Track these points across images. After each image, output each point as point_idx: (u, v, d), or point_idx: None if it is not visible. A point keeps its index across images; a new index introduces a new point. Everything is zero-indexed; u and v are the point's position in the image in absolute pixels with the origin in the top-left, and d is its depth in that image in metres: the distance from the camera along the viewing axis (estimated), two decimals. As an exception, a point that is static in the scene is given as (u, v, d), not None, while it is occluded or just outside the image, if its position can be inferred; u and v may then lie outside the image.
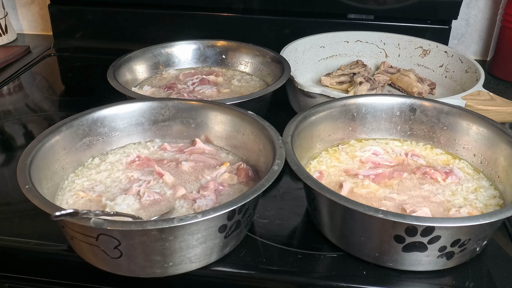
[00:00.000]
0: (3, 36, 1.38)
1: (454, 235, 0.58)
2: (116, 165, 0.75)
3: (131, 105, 0.79)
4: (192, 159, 0.76)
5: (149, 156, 0.77)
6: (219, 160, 0.76)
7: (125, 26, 1.32)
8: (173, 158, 0.77)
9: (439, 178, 0.73)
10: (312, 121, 0.77)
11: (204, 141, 0.80)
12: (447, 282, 0.62)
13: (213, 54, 1.12)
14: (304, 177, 0.62)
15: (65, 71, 1.28)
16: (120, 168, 0.75)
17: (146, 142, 0.80)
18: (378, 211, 0.56)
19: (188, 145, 0.80)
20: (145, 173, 0.73)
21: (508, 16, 1.16)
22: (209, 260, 0.62)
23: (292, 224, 0.73)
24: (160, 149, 0.79)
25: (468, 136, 0.78)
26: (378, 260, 0.63)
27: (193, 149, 0.78)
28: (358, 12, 1.23)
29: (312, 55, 1.14)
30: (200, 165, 0.75)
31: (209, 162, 0.76)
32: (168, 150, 0.79)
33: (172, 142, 0.81)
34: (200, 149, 0.78)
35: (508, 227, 0.72)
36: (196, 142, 0.79)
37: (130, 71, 1.03)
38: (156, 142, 0.80)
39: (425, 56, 1.13)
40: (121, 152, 0.78)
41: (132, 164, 0.75)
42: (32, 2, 1.44)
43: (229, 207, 0.56)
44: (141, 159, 0.76)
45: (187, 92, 0.98)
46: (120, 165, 0.75)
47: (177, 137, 0.81)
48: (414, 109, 0.82)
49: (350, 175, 0.75)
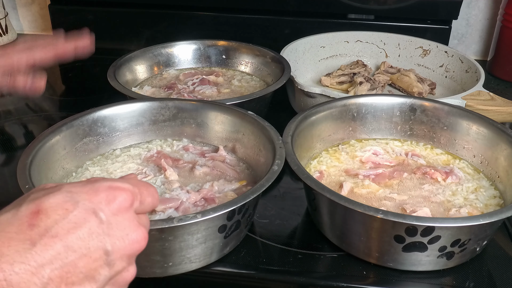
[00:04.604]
0: (3, 36, 1.38)
1: (454, 235, 0.58)
2: (135, 158, 0.77)
3: (131, 105, 0.79)
4: (210, 165, 0.74)
5: (169, 154, 0.77)
6: (237, 173, 0.74)
7: (125, 26, 1.32)
8: (192, 160, 0.76)
9: (439, 178, 0.73)
10: (312, 121, 0.77)
11: (230, 149, 0.78)
12: (447, 282, 0.62)
13: (213, 54, 1.12)
14: (304, 177, 0.62)
15: (65, 71, 1.28)
16: (138, 162, 0.76)
17: (173, 140, 0.80)
18: (378, 211, 0.56)
19: (212, 150, 0.78)
20: (154, 169, 0.74)
21: (508, 16, 1.16)
22: (209, 260, 0.62)
23: (292, 224, 0.73)
24: (183, 148, 0.79)
25: (468, 136, 0.78)
26: (378, 260, 0.63)
27: (214, 155, 0.76)
28: (358, 12, 1.23)
29: (312, 55, 1.14)
30: (215, 173, 0.73)
31: (226, 173, 0.73)
32: (190, 151, 0.78)
33: (199, 144, 0.80)
34: (221, 157, 0.76)
35: (508, 227, 0.72)
36: (219, 149, 0.77)
37: (130, 71, 1.03)
38: (184, 141, 0.80)
39: (425, 56, 1.13)
40: (144, 146, 0.79)
41: (151, 158, 0.76)
42: (33, 2, 1.44)
43: (229, 207, 0.56)
44: (159, 155, 0.76)
45: (187, 92, 0.98)
46: (138, 159, 0.76)
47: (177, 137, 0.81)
48: (414, 109, 0.82)
49: (350, 175, 0.75)
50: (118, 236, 0.39)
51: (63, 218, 0.37)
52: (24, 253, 0.35)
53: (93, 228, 0.38)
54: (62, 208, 0.37)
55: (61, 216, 0.37)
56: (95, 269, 0.37)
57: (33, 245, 0.35)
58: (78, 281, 0.36)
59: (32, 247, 0.35)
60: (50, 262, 0.35)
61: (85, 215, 0.38)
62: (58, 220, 0.37)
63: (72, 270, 0.36)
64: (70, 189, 0.39)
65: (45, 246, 0.35)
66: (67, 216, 0.37)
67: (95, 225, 0.38)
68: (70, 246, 0.36)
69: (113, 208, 0.40)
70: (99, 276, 0.38)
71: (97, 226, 0.38)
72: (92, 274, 0.37)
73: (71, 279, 0.36)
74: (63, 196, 0.38)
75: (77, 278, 0.36)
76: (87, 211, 0.38)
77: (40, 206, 0.37)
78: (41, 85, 0.68)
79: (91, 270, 0.37)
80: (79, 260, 0.36)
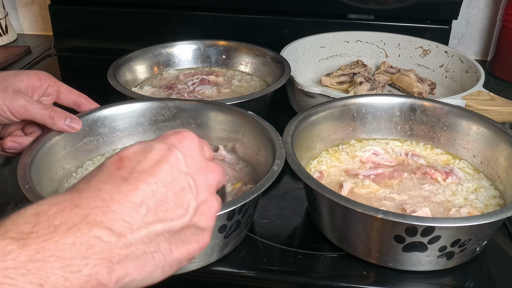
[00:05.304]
0: (3, 36, 1.38)
1: (454, 235, 0.58)
2: None
3: (131, 105, 0.79)
4: None
5: None
6: (236, 172, 0.73)
7: (125, 26, 1.32)
8: None
9: (439, 178, 0.73)
10: (312, 121, 0.77)
11: (230, 149, 0.78)
12: (447, 282, 0.62)
13: (213, 54, 1.12)
14: (304, 177, 0.62)
15: (66, 71, 1.28)
16: None
17: None
18: (378, 211, 0.56)
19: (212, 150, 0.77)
20: None
21: (508, 16, 1.16)
22: (209, 260, 0.62)
23: (292, 224, 0.73)
24: None
25: (468, 136, 0.78)
26: (378, 260, 0.63)
27: (214, 154, 0.75)
28: (358, 12, 1.23)
29: (312, 55, 1.14)
30: None
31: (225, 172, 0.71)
32: None
33: None
34: (221, 156, 0.76)
35: (508, 227, 0.72)
36: (219, 149, 0.77)
37: (130, 71, 1.03)
38: None
39: (425, 56, 1.13)
40: None
41: None
42: (33, 2, 1.44)
43: (229, 207, 0.56)
44: None
45: (187, 92, 0.98)
46: None
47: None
48: (414, 109, 0.82)
49: (350, 175, 0.75)
50: (195, 168, 0.43)
51: (145, 158, 0.41)
52: (118, 187, 0.38)
53: (172, 162, 0.42)
54: (141, 151, 0.42)
55: (142, 157, 0.41)
56: (183, 198, 0.41)
57: (125, 181, 0.39)
58: (170, 209, 0.40)
59: (125, 182, 0.39)
60: (143, 192, 0.39)
61: (163, 153, 0.42)
62: (140, 160, 0.41)
63: (163, 199, 0.40)
64: (144, 141, 0.44)
65: (135, 180, 0.39)
66: (147, 156, 0.41)
67: (173, 159, 0.42)
68: (157, 178, 0.40)
69: (185, 145, 0.44)
70: (187, 204, 0.41)
71: (176, 160, 0.42)
72: (181, 202, 0.41)
73: (165, 207, 0.40)
74: (139, 145, 0.43)
75: (170, 206, 0.40)
76: (164, 150, 0.42)
77: (121, 155, 0.41)
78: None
79: (179, 199, 0.41)
80: (167, 189, 0.40)
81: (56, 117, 0.67)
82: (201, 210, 0.43)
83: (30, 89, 0.68)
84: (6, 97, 0.63)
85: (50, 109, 0.67)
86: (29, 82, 0.67)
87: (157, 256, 0.39)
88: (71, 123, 0.69)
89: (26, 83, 0.67)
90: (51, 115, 0.66)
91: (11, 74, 0.67)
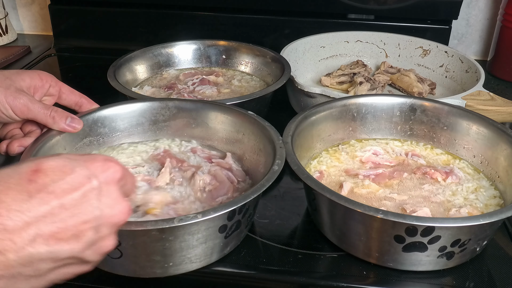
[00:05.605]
0: (3, 36, 1.38)
1: (454, 235, 0.58)
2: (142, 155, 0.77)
3: (131, 105, 0.79)
4: (213, 172, 0.71)
5: (176, 155, 0.76)
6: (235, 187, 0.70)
7: (125, 26, 1.32)
8: (197, 164, 0.74)
9: (439, 178, 0.73)
10: (312, 121, 0.77)
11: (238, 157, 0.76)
12: (447, 282, 0.62)
13: (213, 54, 1.12)
14: (304, 177, 0.62)
15: (66, 71, 1.28)
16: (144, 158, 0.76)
17: (181, 141, 0.80)
18: (378, 211, 0.56)
19: (220, 156, 0.76)
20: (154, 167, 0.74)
21: (508, 16, 1.16)
22: (210, 260, 0.62)
23: (292, 224, 0.73)
24: (191, 150, 0.77)
25: (468, 136, 0.78)
26: (378, 260, 0.63)
27: (221, 162, 0.74)
28: (358, 12, 1.23)
29: (312, 55, 1.14)
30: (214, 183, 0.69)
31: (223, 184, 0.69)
32: (198, 154, 0.76)
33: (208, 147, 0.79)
34: (227, 164, 0.73)
35: (508, 227, 0.72)
36: (226, 156, 0.75)
37: (130, 71, 1.03)
38: (193, 143, 0.79)
39: (425, 56, 1.13)
40: (151, 145, 0.79)
41: (157, 156, 0.76)
42: (33, 2, 1.44)
43: (230, 207, 0.56)
44: (165, 154, 0.75)
45: (187, 92, 0.98)
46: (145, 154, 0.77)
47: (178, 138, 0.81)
48: (414, 109, 0.82)
49: (351, 175, 0.75)
50: (107, 203, 0.42)
51: (61, 179, 0.40)
52: (21, 203, 0.37)
53: (86, 192, 0.41)
54: (60, 170, 0.40)
55: (59, 177, 0.40)
56: (82, 230, 0.40)
57: (30, 197, 0.38)
58: (65, 239, 0.39)
59: (29, 199, 0.38)
60: (43, 216, 0.38)
61: (81, 179, 0.41)
62: (55, 180, 0.39)
63: (62, 227, 0.39)
64: (69, 156, 0.43)
65: (41, 200, 0.38)
66: (64, 177, 0.40)
67: (89, 189, 0.41)
68: (64, 204, 0.39)
69: (106, 177, 0.43)
70: (85, 237, 0.41)
71: (91, 191, 0.41)
72: (79, 234, 0.40)
73: (60, 235, 0.39)
74: (63, 161, 0.41)
75: (65, 236, 0.39)
76: (83, 176, 0.41)
77: (40, 166, 0.40)
78: None
79: (79, 231, 0.40)
80: (70, 219, 0.39)
81: (57, 116, 0.67)
82: (96, 246, 0.43)
83: (32, 88, 0.68)
84: (8, 95, 0.63)
85: (51, 108, 0.67)
86: (32, 81, 0.68)
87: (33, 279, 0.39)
88: (71, 122, 0.69)
89: (29, 83, 0.67)
90: (52, 115, 0.67)
91: (14, 73, 0.67)
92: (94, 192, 0.41)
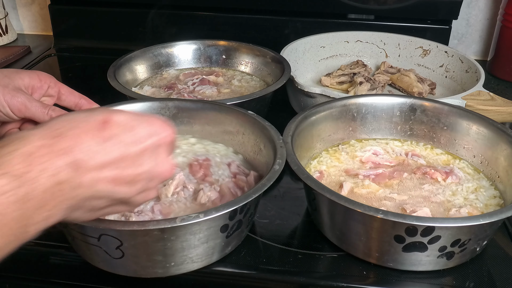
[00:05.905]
0: (3, 36, 1.38)
1: (454, 235, 0.58)
2: None
3: (131, 105, 0.78)
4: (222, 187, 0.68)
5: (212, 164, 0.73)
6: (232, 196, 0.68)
7: (125, 26, 1.32)
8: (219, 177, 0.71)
9: (439, 178, 0.73)
10: (313, 121, 0.77)
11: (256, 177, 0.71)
12: (447, 282, 0.62)
13: (214, 54, 1.12)
14: (304, 177, 0.62)
15: (66, 71, 1.28)
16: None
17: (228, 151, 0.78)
18: (378, 211, 0.56)
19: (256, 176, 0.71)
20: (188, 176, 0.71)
21: (508, 16, 1.16)
22: (211, 260, 0.62)
23: (292, 224, 0.73)
24: (227, 164, 0.74)
25: (469, 136, 0.78)
26: (378, 260, 0.63)
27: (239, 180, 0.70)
28: (358, 12, 1.23)
29: (312, 55, 1.14)
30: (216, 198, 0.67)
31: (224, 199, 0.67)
32: (230, 169, 0.73)
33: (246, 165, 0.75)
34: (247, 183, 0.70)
35: (508, 227, 0.72)
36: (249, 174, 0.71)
37: (130, 71, 1.03)
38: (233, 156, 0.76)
39: (425, 56, 1.13)
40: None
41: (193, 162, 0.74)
42: (33, 2, 1.44)
43: (231, 207, 0.56)
44: (204, 162, 0.73)
45: (187, 92, 0.98)
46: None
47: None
48: (415, 109, 0.82)
49: (351, 175, 0.75)
50: (160, 160, 0.48)
51: (128, 131, 0.45)
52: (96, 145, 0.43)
53: (147, 147, 0.46)
54: (127, 124, 0.46)
55: (127, 129, 0.45)
56: (138, 179, 0.46)
57: (104, 142, 0.43)
58: (124, 183, 0.45)
59: (104, 142, 0.43)
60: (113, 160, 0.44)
61: (144, 134, 0.46)
62: (123, 132, 0.45)
63: (124, 173, 0.45)
64: (133, 114, 0.48)
65: (113, 146, 0.44)
66: (130, 131, 0.45)
67: (149, 146, 0.46)
68: (129, 154, 0.45)
69: (162, 138, 0.48)
70: (138, 185, 0.47)
71: (151, 147, 0.47)
72: (135, 182, 0.46)
73: (120, 180, 0.45)
74: (129, 116, 0.47)
75: (124, 181, 0.45)
76: (146, 132, 0.46)
77: (110, 117, 0.45)
78: None
79: (135, 179, 0.46)
80: (130, 168, 0.45)
81: (55, 115, 0.67)
82: (143, 194, 0.48)
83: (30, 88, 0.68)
84: (6, 93, 0.63)
85: (48, 107, 0.67)
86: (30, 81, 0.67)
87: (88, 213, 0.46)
88: None
89: (27, 82, 0.67)
90: (50, 114, 0.66)
91: (13, 72, 0.67)
92: (153, 149, 0.47)
